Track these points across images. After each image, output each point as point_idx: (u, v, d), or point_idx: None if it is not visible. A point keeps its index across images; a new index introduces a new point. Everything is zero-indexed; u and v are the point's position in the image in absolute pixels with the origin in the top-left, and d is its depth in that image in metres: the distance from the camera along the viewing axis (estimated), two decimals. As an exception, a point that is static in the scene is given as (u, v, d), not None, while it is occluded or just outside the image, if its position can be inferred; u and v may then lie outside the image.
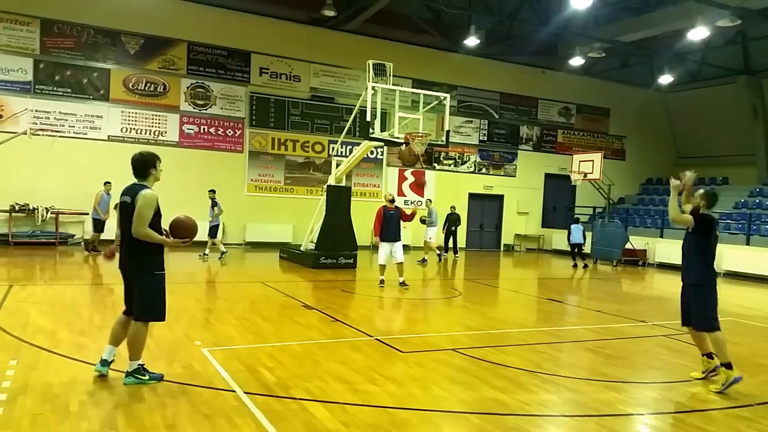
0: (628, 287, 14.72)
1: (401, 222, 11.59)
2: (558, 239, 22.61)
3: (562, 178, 22.63)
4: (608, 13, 19.39)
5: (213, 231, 15.13)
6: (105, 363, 5.13)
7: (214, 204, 14.97)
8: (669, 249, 18.92)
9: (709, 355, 5.92)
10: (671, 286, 15.18)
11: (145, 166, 5.09)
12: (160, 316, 5.14)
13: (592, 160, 19.72)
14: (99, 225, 15.05)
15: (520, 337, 7.86)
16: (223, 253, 15.04)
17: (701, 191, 6.09)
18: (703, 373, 5.97)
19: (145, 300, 5.05)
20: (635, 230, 20.89)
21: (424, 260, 16.76)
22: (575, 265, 17.72)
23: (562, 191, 24.16)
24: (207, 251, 15.12)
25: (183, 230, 5.18)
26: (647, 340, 7.98)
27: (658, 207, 22.86)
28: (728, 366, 5.56)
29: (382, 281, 11.55)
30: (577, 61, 20.91)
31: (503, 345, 7.23)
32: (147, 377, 5.04)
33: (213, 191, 15.23)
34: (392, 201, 11.79)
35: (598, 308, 10.36)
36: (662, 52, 20.92)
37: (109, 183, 14.95)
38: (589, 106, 25.14)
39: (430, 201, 19.24)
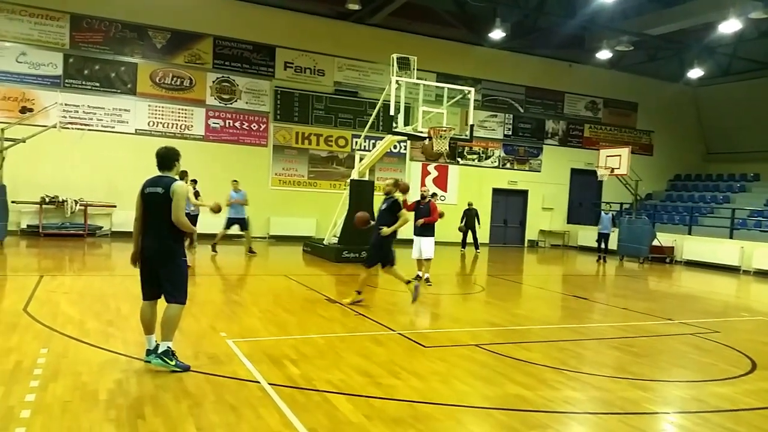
0: (654, 285, 14.50)
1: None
2: (584, 235, 22.37)
3: (589, 173, 22.35)
4: (637, 6, 19.03)
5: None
6: (149, 353, 5.27)
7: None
8: (697, 246, 18.62)
9: None
10: (699, 284, 14.95)
11: (170, 159, 5.35)
12: (184, 300, 5.33)
13: (620, 155, 19.43)
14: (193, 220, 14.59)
15: (544, 333, 7.80)
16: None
17: None
18: None
19: (174, 285, 5.24)
20: (663, 227, 20.57)
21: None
22: (600, 258, 17.56)
23: (588, 187, 23.86)
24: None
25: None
26: (674, 338, 7.86)
27: (686, 203, 22.49)
28: None
29: (417, 276, 11.18)
30: (604, 55, 20.60)
31: (527, 341, 7.18)
32: (173, 363, 5.14)
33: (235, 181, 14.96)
34: (423, 197, 11.59)
35: (624, 306, 10.23)
36: (692, 45, 20.50)
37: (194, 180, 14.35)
38: (616, 100, 24.77)
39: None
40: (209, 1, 18.20)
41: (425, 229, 11.28)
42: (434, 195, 18.32)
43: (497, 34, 19.06)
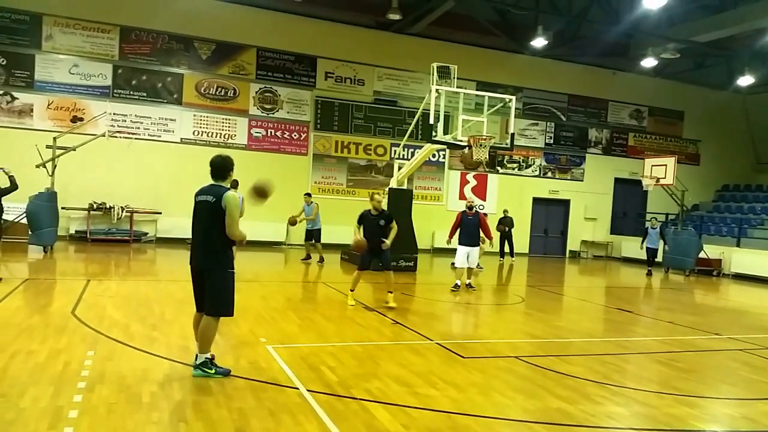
0: (701, 298, 14.06)
1: (480, 231, 11.70)
2: (627, 246, 21.87)
3: (633, 183, 21.87)
4: (683, 13, 18.60)
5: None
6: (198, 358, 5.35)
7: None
8: (746, 259, 17.99)
9: None
10: (748, 297, 14.43)
11: (225, 169, 5.32)
12: (230, 312, 5.32)
13: (665, 165, 18.96)
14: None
15: (586, 347, 7.64)
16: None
17: None
18: None
19: (217, 296, 5.22)
20: (710, 238, 19.94)
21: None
22: (649, 273, 17.09)
23: (632, 197, 23.35)
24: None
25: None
26: (722, 353, 7.60)
27: (735, 215, 21.78)
28: None
29: (456, 285, 11.45)
30: (649, 63, 20.17)
31: (568, 354, 7.04)
32: (213, 371, 5.20)
33: (308, 194, 15.35)
34: (470, 207, 11.81)
35: (670, 319, 9.94)
36: (742, 51, 19.89)
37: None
38: (661, 108, 24.20)
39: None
40: (253, 13, 18.55)
41: (474, 240, 11.56)
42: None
43: (539, 42, 18.89)
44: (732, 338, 8.49)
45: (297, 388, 5.04)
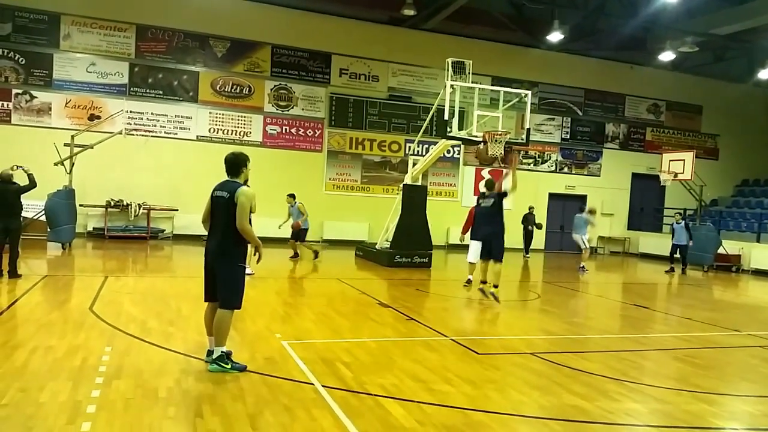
0: (720, 294, 13.88)
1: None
2: (645, 242, 21.66)
3: (651, 178, 21.63)
4: (703, 5, 18.30)
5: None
6: (210, 353, 5.42)
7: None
8: (766, 254, 17.73)
9: None
10: (769, 294, 14.21)
11: (238, 165, 5.44)
12: (237, 305, 5.40)
13: (683, 160, 18.73)
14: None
15: (603, 343, 7.57)
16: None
17: None
18: None
19: (227, 289, 5.32)
20: (729, 234, 19.67)
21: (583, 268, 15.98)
22: (671, 270, 16.74)
23: (650, 192, 23.09)
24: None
25: None
26: (741, 350, 7.49)
27: (754, 210, 21.44)
28: None
29: (468, 280, 11.19)
30: (667, 56, 19.91)
31: (585, 351, 6.98)
32: (229, 366, 5.25)
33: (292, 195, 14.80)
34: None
35: (688, 315, 9.83)
36: (762, 44, 19.55)
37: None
38: (680, 102, 23.91)
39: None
40: (268, 11, 18.60)
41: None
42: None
43: (555, 36, 18.71)
44: (752, 335, 8.36)
45: (312, 384, 5.06)
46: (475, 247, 10.88)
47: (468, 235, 11.39)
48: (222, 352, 5.27)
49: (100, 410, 4.24)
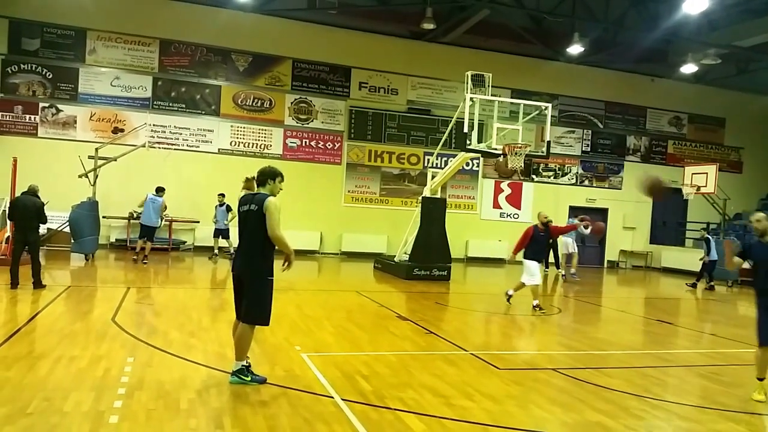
0: (745, 309, 13.58)
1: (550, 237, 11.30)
2: (668, 256, 21.34)
3: (674, 191, 21.38)
4: (726, 17, 18.14)
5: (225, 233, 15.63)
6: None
7: (229, 209, 15.20)
8: (794, 270, 17.32)
9: None
10: (797, 310, 13.88)
11: (264, 175, 5.48)
12: (266, 321, 5.38)
13: (706, 173, 18.49)
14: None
15: (625, 359, 7.46)
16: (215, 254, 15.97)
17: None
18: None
19: (254, 304, 5.30)
20: (754, 248, 19.26)
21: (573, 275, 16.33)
22: (695, 285, 16.27)
23: (672, 205, 22.75)
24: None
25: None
26: None
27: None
28: None
29: (537, 305, 10.48)
30: (689, 68, 19.73)
31: (607, 367, 6.88)
32: (249, 378, 5.26)
33: (222, 195, 15.57)
34: (545, 223, 10.69)
35: (713, 331, 9.65)
36: (787, 56, 19.31)
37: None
38: (702, 115, 23.62)
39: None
40: (289, 26, 18.80)
41: (538, 255, 10.90)
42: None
43: (575, 49, 18.67)
44: (779, 352, 8.17)
45: (332, 397, 5.05)
46: (534, 267, 10.52)
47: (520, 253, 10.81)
48: (242, 365, 5.29)
49: (122, 421, 4.27)
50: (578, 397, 5.50)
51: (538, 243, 10.69)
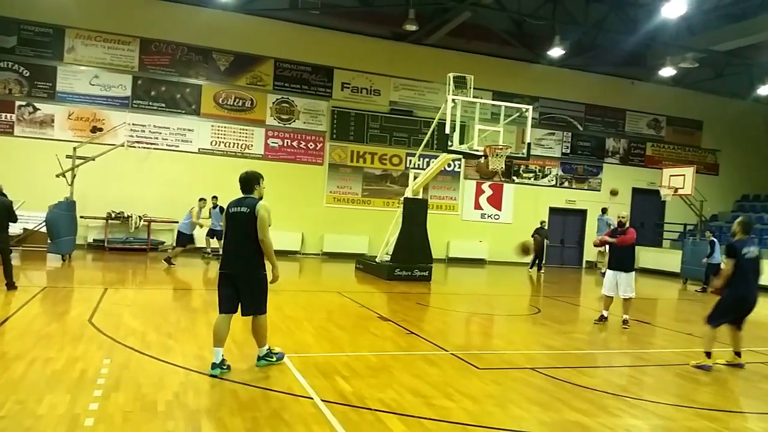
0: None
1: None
2: (645, 257, 21.59)
3: (651, 193, 21.65)
4: (703, 21, 18.45)
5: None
6: (214, 366, 5.51)
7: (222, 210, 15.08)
8: (766, 270, 17.63)
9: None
10: (771, 310, 14.13)
11: (250, 182, 5.78)
12: (266, 309, 5.83)
13: (684, 175, 18.76)
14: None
15: (603, 358, 7.54)
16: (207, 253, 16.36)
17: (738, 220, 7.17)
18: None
19: (258, 296, 5.70)
20: (730, 249, 19.58)
21: None
22: (704, 289, 16.06)
23: (650, 207, 23.07)
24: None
25: None
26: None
27: (755, 225, 21.43)
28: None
29: (601, 317, 9.86)
30: (667, 72, 20.02)
31: (585, 366, 6.95)
32: (275, 358, 5.92)
33: (215, 197, 15.49)
34: (622, 224, 9.80)
35: (689, 331, 9.79)
36: (762, 60, 19.67)
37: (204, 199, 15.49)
38: (680, 118, 23.97)
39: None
40: (271, 25, 18.71)
41: (622, 262, 9.68)
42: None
43: (556, 52, 18.85)
44: (752, 350, 8.32)
45: (311, 398, 5.03)
46: (612, 276, 9.78)
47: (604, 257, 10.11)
48: (267, 349, 5.88)
49: (98, 423, 4.21)
50: (557, 396, 5.54)
51: (617, 247, 9.73)
